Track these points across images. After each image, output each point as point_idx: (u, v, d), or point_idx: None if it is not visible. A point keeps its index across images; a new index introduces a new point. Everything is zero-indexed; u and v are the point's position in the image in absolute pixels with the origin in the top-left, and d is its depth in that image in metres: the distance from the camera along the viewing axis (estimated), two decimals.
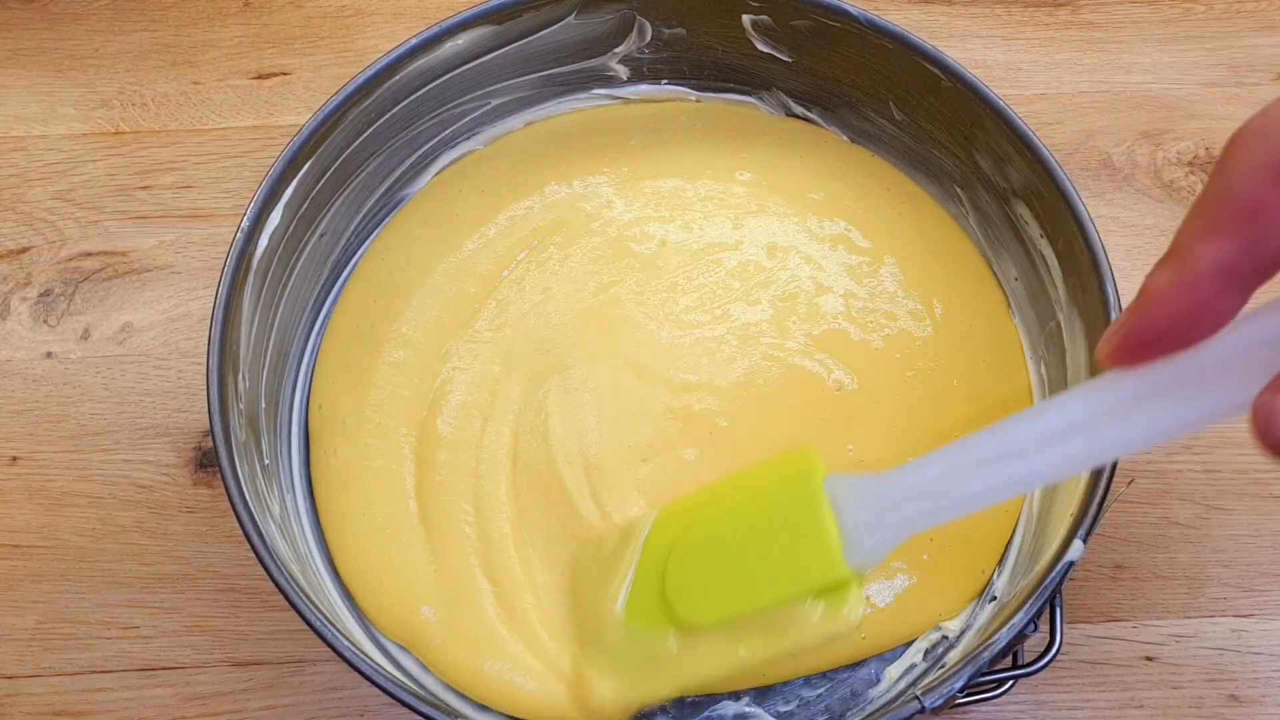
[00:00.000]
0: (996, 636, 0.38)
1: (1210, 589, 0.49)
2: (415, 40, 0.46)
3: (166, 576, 0.49)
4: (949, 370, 0.48)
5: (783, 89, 0.53)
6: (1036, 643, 0.41)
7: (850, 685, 0.44)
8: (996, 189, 0.48)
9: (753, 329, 0.49)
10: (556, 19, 0.49)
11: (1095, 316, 0.42)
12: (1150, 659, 0.48)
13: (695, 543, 0.39)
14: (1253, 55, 0.61)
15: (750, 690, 0.44)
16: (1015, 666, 0.41)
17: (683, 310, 0.49)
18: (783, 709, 0.44)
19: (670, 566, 0.39)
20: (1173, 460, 0.51)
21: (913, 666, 0.44)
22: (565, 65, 0.52)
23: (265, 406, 0.45)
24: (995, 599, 0.45)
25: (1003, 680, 0.40)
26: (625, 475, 0.46)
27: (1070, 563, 0.38)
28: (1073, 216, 0.43)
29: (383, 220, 0.52)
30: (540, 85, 0.52)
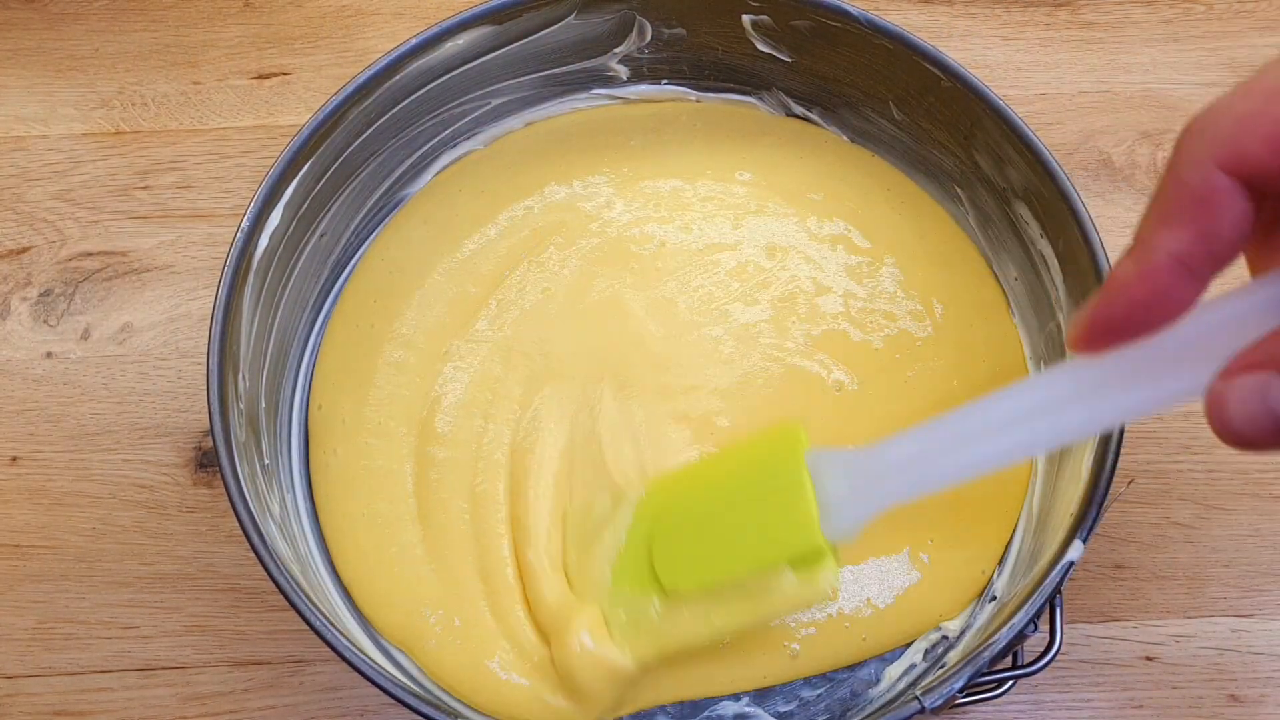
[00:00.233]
0: (996, 636, 0.38)
1: (1210, 589, 0.49)
2: (415, 40, 0.46)
3: (166, 576, 0.49)
4: (949, 370, 0.48)
5: (783, 89, 0.53)
6: (1036, 643, 0.41)
7: (850, 685, 0.44)
8: (996, 189, 0.48)
9: (752, 329, 0.49)
10: (556, 19, 0.49)
11: None
12: (1150, 659, 0.48)
13: (680, 512, 0.40)
14: (1253, 55, 0.61)
15: (750, 691, 0.44)
16: (1015, 666, 0.41)
17: (682, 310, 0.49)
18: (783, 709, 0.44)
19: (656, 535, 0.40)
20: (1173, 460, 0.51)
21: (913, 666, 0.44)
22: (565, 65, 0.52)
23: (265, 406, 0.45)
24: (995, 599, 0.45)
25: (1003, 680, 0.40)
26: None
27: (1070, 563, 0.38)
28: (1073, 216, 0.43)
29: (383, 220, 0.52)
30: (540, 85, 0.52)
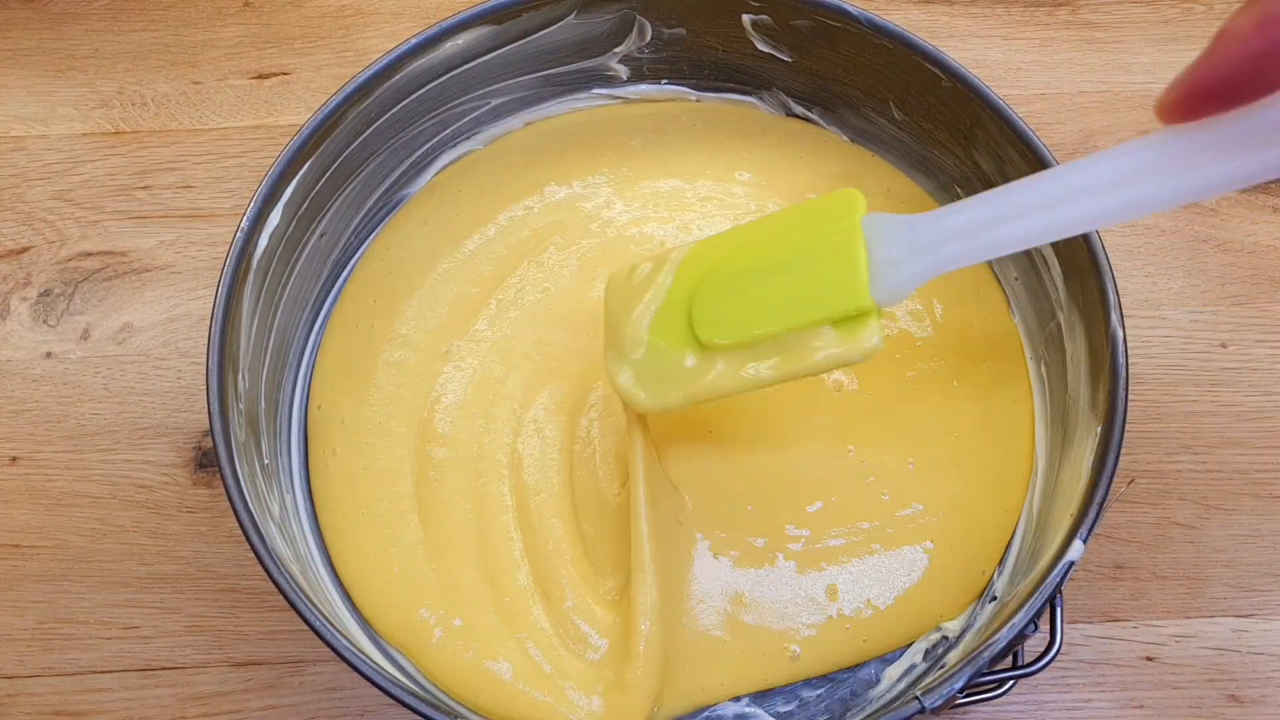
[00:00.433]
0: (996, 637, 0.38)
1: (1210, 589, 0.49)
2: (415, 40, 0.46)
3: (166, 576, 0.49)
4: (949, 370, 0.48)
5: (783, 89, 0.53)
6: (1036, 643, 0.41)
7: (850, 686, 0.44)
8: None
9: None
10: (556, 19, 0.49)
11: (1095, 316, 0.42)
12: (1150, 659, 0.48)
13: (726, 269, 0.39)
14: None
15: (750, 692, 0.44)
16: (1015, 667, 0.41)
17: None
18: (783, 709, 0.44)
19: (698, 292, 0.40)
20: (1173, 460, 0.51)
21: (913, 667, 0.44)
22: (565, 65, 0.52)
23: (265, 406, 0.45)
24: (995, 599, 0.45)
25: (1003, 680, 0.40)
26: None
27: (1070, 563, 0.38)
28: None
29: (383, 220, 0.52)
30: (540, 85, 0.52)
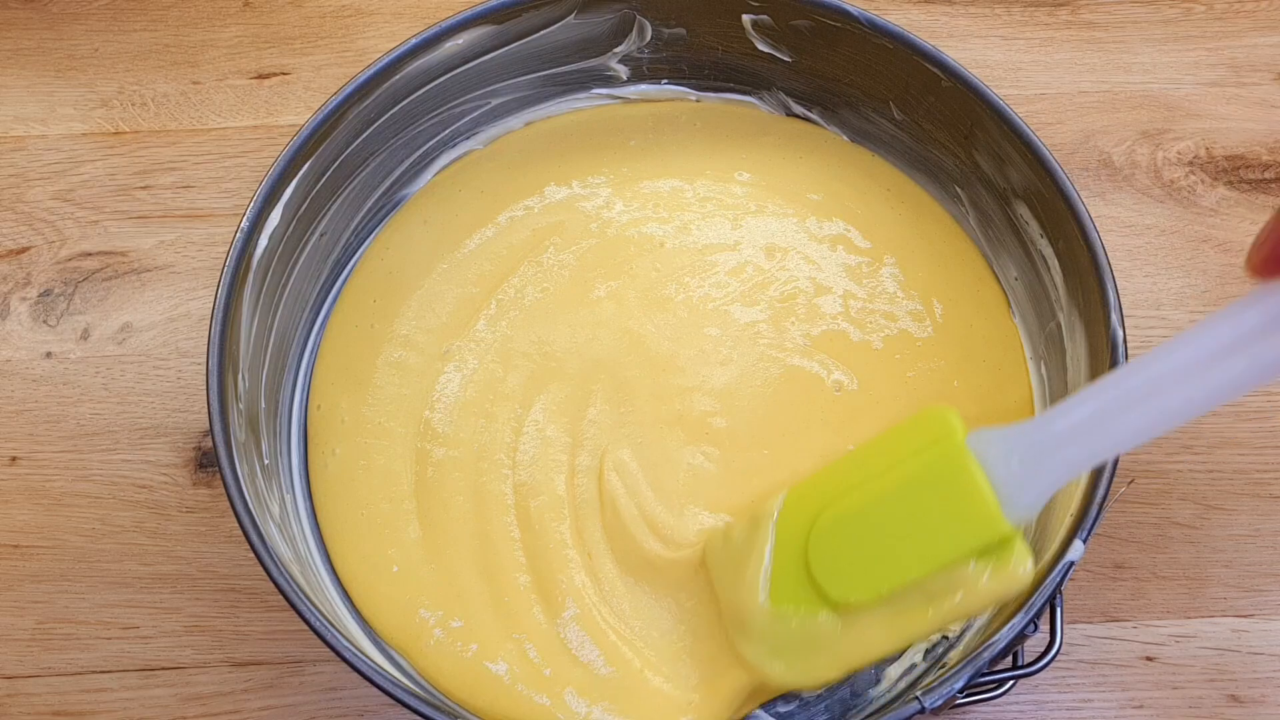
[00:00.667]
0: (996, 636, 0.38)
1: (1210, 589, 0.49)
2: (415, 40, 0.46)
3: (166, 576, 0.49)
4: (949, 371, 0.48)
5: (783, 89, 0.53)
6: (1037, 643, 0.41)
7: (850, 685, 0.44)
8: (996, 189, 0.48)
9: (751, 330, 0.48)
10: (556, 19, 0.49)
11: (1095, 316, 0.42)
12: (1150, 659, 0.48)
13: (836, 519, 0.37)
14: (1253, 55, 0.61)
15: (763, 702, 0.44)
16: (1015, 667, 0.41)
17: (681, 311, 0.49)
18: (783, 709, 0.44)
19: (813, 547, 0.37)
20: (1173, 460, 0.51)
21: (913, 666, 0.44)
22: (565, 65, 0.52)
23: (265, 406, 0.45)
24: None
25: (1003, 680, 0.40)
26: None
27: (1070, 563, 0.38)
28: (1073, 216, 0.43)
29: (382, 220, 0.52)
30: (540, 85, 0.52)
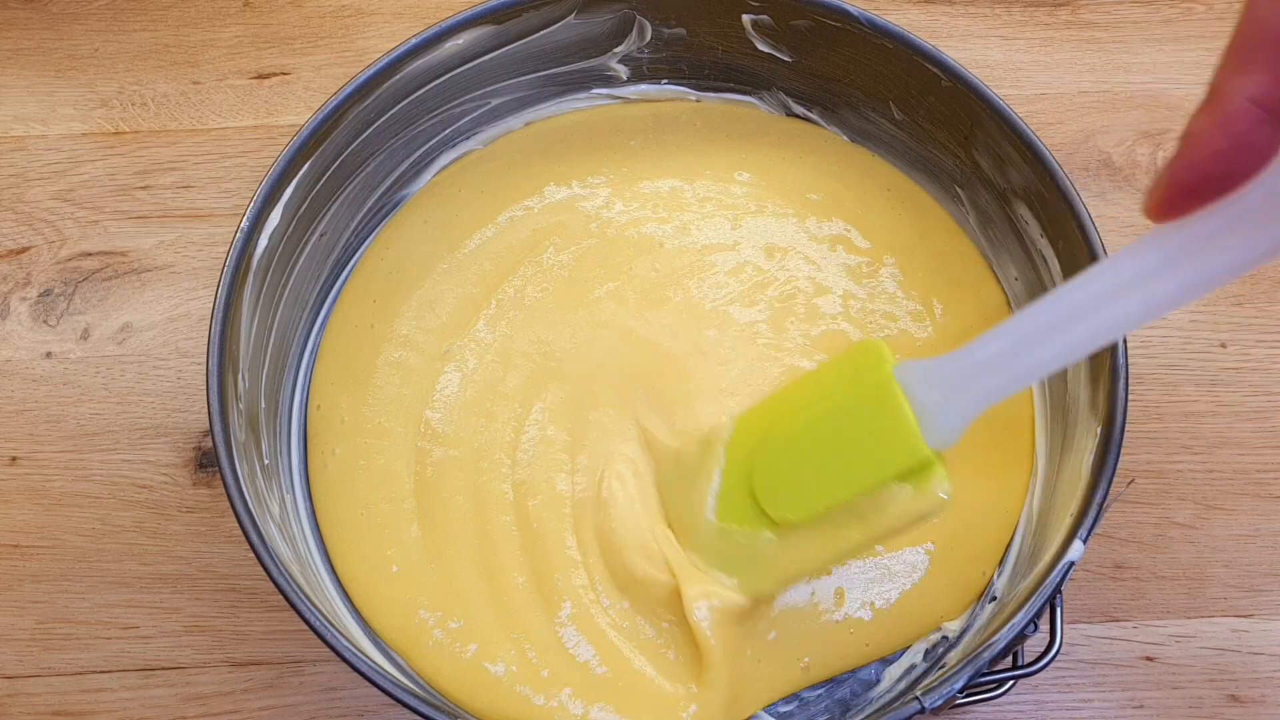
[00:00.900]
0: (996, 637, 0.38)
1: (1210, 589, 0.49)
2: (415, 40, 0.46)
3: (166, 576, 0.49)
4: None
5: (783, 89, 0.53)
6: (1037, 643, 0.41)
7: (850, 686, 0.44)
8: (997, 189, 0.48)
9: (750, 330, 0.48)
10: (556, 19, 0.49)
11: None
12: (1150, 659, 0.48)
13: (776, 444, 0.40)
14: None
15: (764, 705, 0.44)
16: (1015, 667, 0.41)
17: (680, 311, 0.49)
18: (783, 709, 0.44)
19: (755, 470, 0.40)
20: (1173, 460, 0.51)
21: (913, 667, 0.44)
22: (565, 65, 0.52)
23: (265, 406, 0.45)
24: (995, 599, 0.45)
25: (1003, 680, 0.40)
26: None
27: (1070, 563, 0.38)
28: (1073, 216, 0.43)
29: (382, 220, 0.52)
30: (540, 85, 0.52)
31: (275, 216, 0.44)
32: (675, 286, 0.49)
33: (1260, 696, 0.47)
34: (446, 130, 0.52)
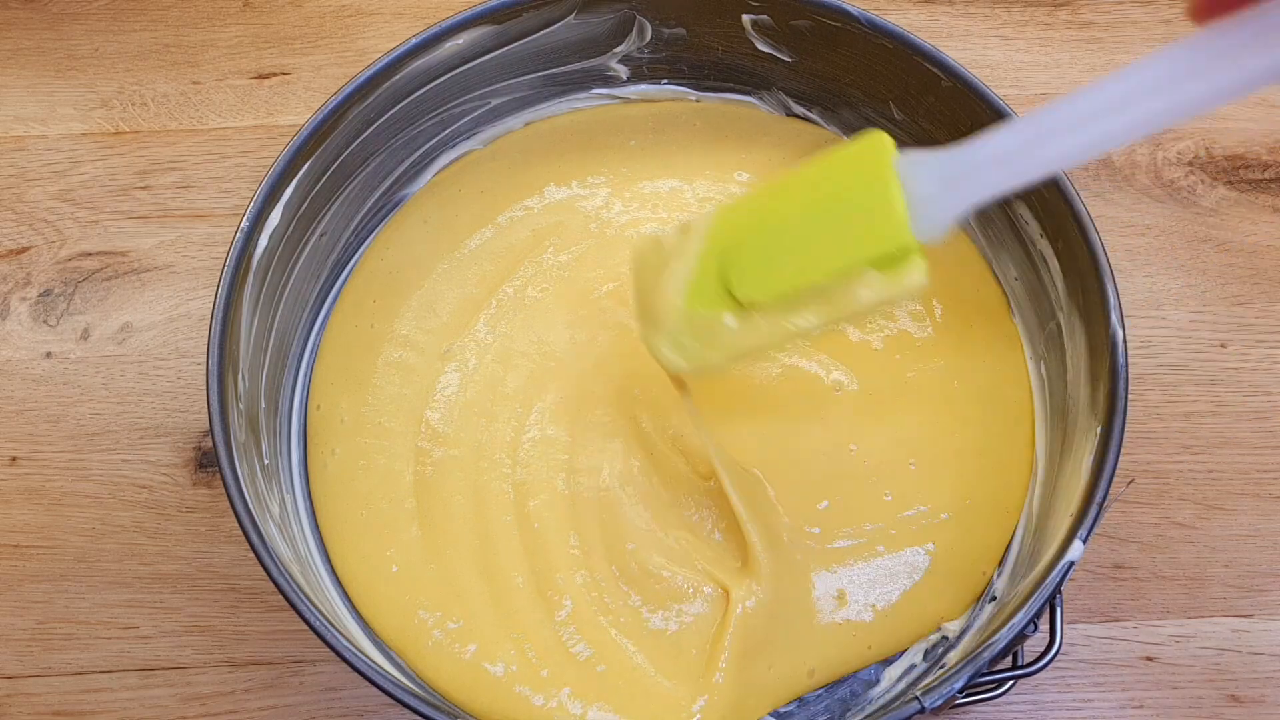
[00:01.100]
0: (996, 637, 0.38)
1: (1210, 589, 0.49)
2: (415, 40, 0.46)
3: (166, 576, 0.49)
4: (949, 371, 0.48)
5: (783, 89, 0.53)
6: (1036, 643, 0.41)
7: (850, 685, 0.44)
8: None
9: None
10: (556, 19, 0.49)
11: (1095, 316, 0.42)
12: (1150, 659, 0.48)
13: (757, 225, 0.38)
14: None
15: (770, 711, 0.44)
16: (1015, 667, 0.41)
17: None
18: (783, 709, 0.44)
19: (730, 251, 0.39)
20: (1173, 460, 0.51)
21: (912, 667, 0.44)
22: (565, 65, 0.52)
23: (265, 406, 0.45)
24: (995, 599, 0.45)
25: (1003, 680, 0.40)
26: None
27: (1070, 563, 0.38)
28: (1072, 216, 0.43)
29: (382, 220, 0.52)
30: (540, 85, 0.52)
31: (275, 216, 0.44)
32: None
33: (1260, 696, 0.47)
34: (446, 130, 0.52)
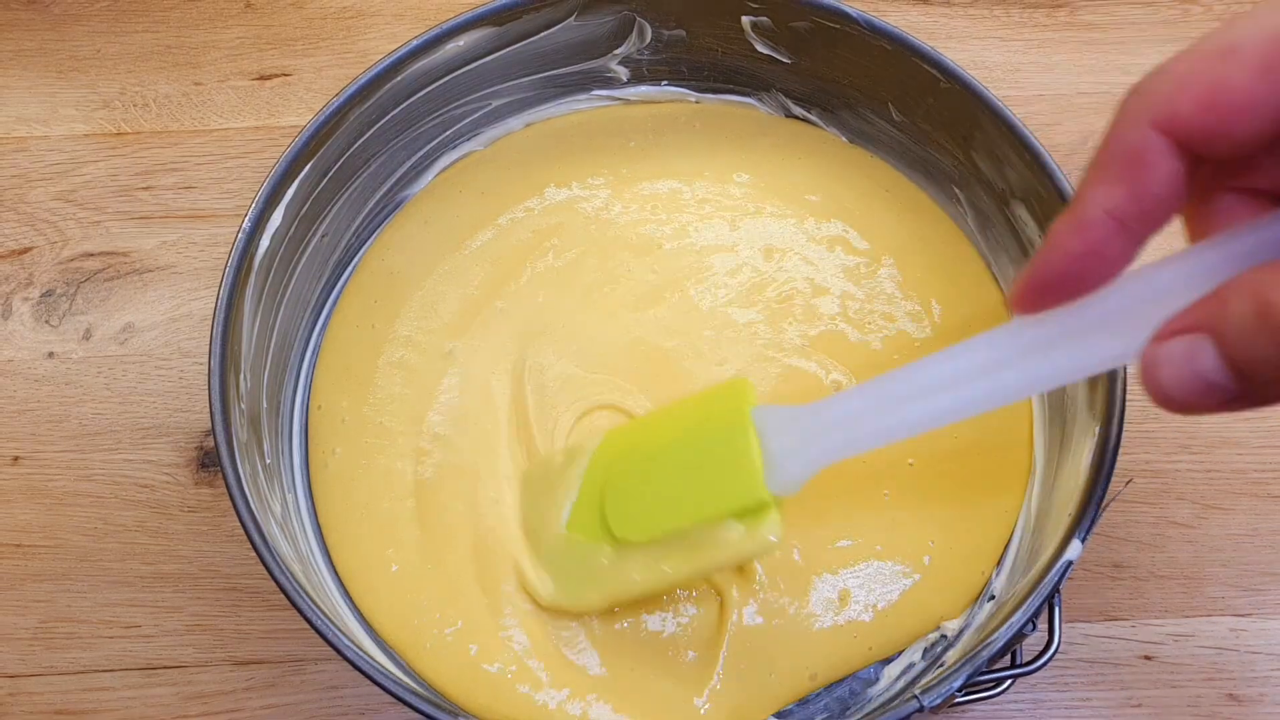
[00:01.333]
0: (995, 636, 0.38)
1: (1208, 588, 0.49)
2: (416, 41, 0.46)
3: (168, 576, 0.49)
4: None
5: (782, 90, 0.53)
6: (1035, 642, 0.41)
7: (849, 684, 0.45)
8: (995, 190, 0.48)
9: (749, 330, 0.49)
10: (557, 20, 0.49)
11: None
12: (1148, 658, 0.48)
13: (630, 464, 0.41)
14: None
15: (772, 713, 0.44)
16: (1014, 666, 0.41)
17: (679, 312, 0.49)
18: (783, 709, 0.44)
19: (608, 486, 0.41)
20: (1171, 460, 0.51)
21: (911, 666, 0.44)
22: (565, 66, 0.52)
23: (267, 406, 0.45)
24: (994, 598, 0.45)
25: (1001, 679, 0.40)
26: None
27: (1069, 562, 0.38)
28: None
29: (384, 221, 0.52)
30: (540, 86, 0.53)
31: (277, 217, 0.44)
32: (674, 288, 0.50)
33: (1258, 695, 0.48)
34: (447, 131, 0.52)
